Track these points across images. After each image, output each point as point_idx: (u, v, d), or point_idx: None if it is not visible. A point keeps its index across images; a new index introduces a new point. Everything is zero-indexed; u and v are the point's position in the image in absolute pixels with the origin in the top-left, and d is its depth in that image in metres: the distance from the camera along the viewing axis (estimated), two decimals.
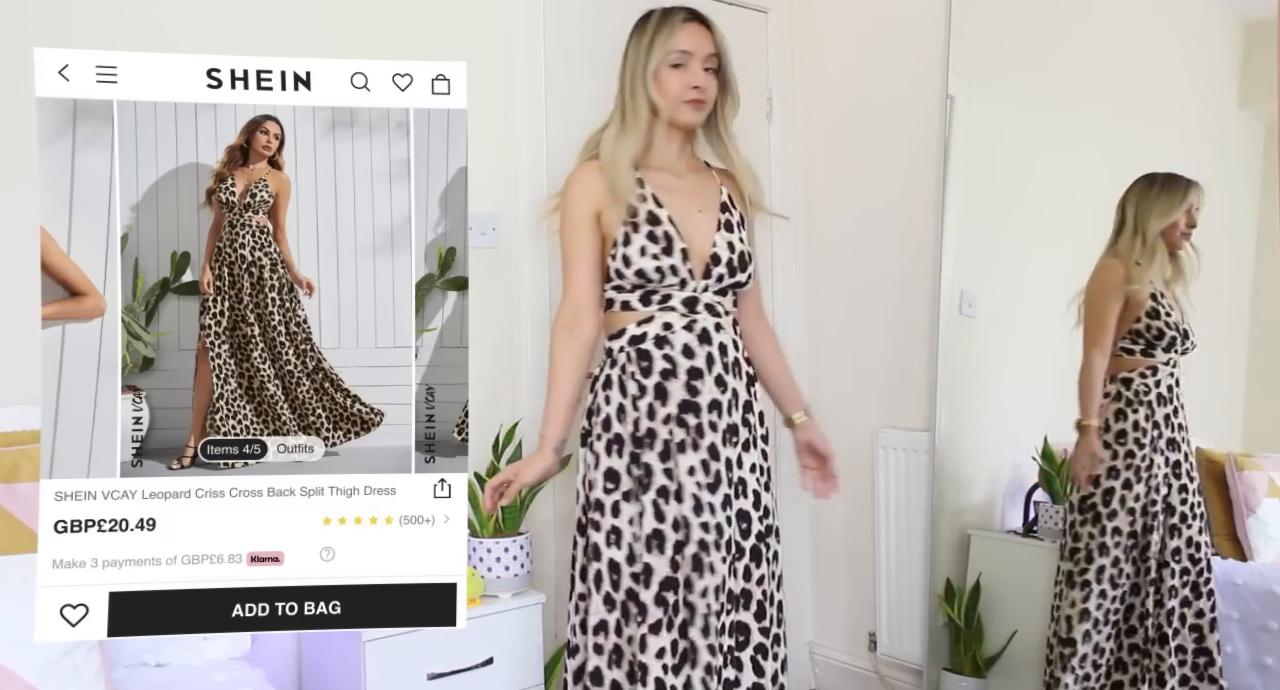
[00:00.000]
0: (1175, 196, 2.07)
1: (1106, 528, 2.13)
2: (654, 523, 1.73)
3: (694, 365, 1.78)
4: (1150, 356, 2.10)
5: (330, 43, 2.12)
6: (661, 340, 1.79)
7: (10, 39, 1.75)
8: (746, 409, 1.84)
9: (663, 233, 1.80)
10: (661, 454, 1.75)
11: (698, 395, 1.77)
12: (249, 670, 1.66)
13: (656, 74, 1.83)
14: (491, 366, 2.36)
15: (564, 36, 2.41)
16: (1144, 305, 2.08)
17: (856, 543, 2.82)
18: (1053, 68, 2.40)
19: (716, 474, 1.75)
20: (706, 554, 1.72)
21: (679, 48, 1.82)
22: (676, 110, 1.83)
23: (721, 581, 1.73)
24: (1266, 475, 2.13)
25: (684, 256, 1.80)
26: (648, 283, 1.80)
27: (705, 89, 1.83)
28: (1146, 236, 2.08)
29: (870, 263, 2.77)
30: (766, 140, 2.86)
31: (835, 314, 2.87)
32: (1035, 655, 2.38)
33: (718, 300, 1.84)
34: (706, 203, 1.88)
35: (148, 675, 1.61)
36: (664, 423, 1.76)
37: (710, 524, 1.73)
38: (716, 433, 1.77)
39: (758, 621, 1.80)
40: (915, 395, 2.66)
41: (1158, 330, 2.08)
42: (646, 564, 1.72)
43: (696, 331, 1.79)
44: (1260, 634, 2.03)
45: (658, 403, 1.77)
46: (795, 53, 2.92)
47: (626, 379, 1.79)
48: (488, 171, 2.35)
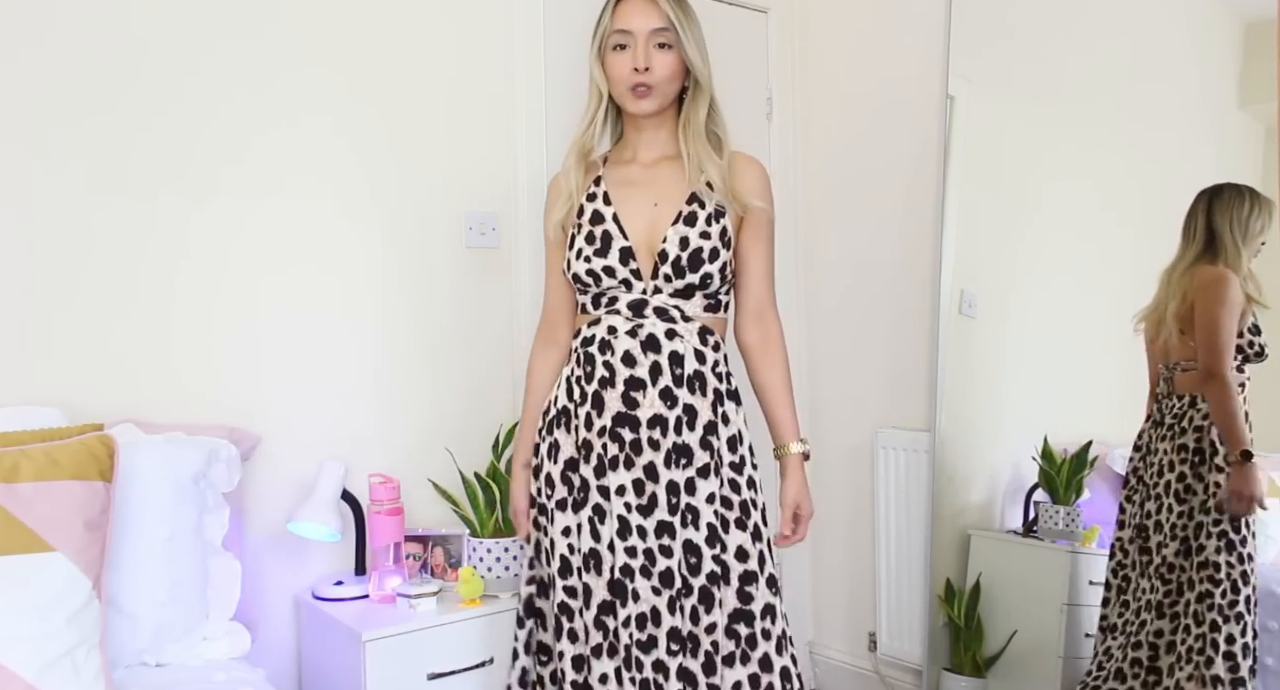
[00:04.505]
0: (1270, 213, 2.00)
1: (1243, 555, 1.98)
2: (590, 542, 1.60)
3: (634, 375, 1.61)
4: (1241, 372, 2.01)
5: (329, 45, 2.12)
6: (605, 345, 1.64)
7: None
8: (709, 430, 1.62)
9: (601, 232, 1.66)
10: (597, 468, 1.61)
11: (635, 408, 1.60)
12: (249, 670, 1.66)
13: (602, 60, 1.67)
14: (491, 367, 2.36)
15: (564, 36, 2.41)
16: (1249, 320, 2.00)
17: (856, 543, 2.82)
18: (1053, 67, 2.40)
19: (652, 497, 1.59)
20: (630, 580, 1.57)
21: (617, 27, 1.64)
22: (624, 98, 1.66)
23: (651, 612, 1.57)
24: (1266, 475, 2.13)
25: (624, 256, 1.64)
26: (587, 287, 1.67)
27: (652, 69, 1.61)
28: (1247, 249, 2.00)
29: (870, 262, 2.77)
30: (766, 140, 2.86)
31: (835, 314, 2.87)
32: (1035, 655, 2.38)
33: (675, 303, 1.64)
34: (670, 194, 1.67)
35: (148, 675, 1.60)
36: (599, 435, 1.61)
37: (638, 549, 1.58)
38: (658, 452, 1.59)
39: (706, 674, 1.58)
40: (915, 395, 2.66)
41: (1260, 346, 1.99)
42: (585, 584, 1.60)
43: (641, 337, 1.62)
44: (1260, 633, 2.02)
45: (594, 412, 1.62)
46: (795, 53, 2.92)
47: (574, 383, 1.68)
48: (488, 171, 2.35)
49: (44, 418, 1.69)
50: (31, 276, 1.79)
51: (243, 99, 2.01)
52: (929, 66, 2.59)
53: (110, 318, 1.87)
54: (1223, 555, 1.99)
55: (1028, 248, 2.47)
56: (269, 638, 2.03)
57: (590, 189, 1.72)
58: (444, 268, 2.29)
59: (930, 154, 2.59)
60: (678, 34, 1.64)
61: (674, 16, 1.64)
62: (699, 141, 1.68)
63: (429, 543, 2.14)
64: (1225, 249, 2.02)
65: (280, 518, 2.04)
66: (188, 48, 1.94)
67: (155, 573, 1.64)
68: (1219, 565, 1.99)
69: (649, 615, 1.58)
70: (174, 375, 1.93)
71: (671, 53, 1.65)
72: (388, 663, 1.83)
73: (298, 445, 2.07)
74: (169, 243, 1.93)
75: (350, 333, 2.16)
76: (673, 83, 1.66)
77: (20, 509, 1.40)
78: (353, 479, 2.07)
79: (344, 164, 2.14)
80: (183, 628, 1.67)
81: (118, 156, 1.87)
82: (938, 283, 2.56)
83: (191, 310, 1.96)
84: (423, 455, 2.23)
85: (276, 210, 2.06)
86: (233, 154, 2.00)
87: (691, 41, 1.66)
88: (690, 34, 1.66)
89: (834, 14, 2.86)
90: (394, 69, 2.21)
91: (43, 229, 1.80)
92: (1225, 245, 2.02)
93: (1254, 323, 2.00)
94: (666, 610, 1.58)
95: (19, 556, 1.38)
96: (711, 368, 1.66)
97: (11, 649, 1.34)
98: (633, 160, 1.75)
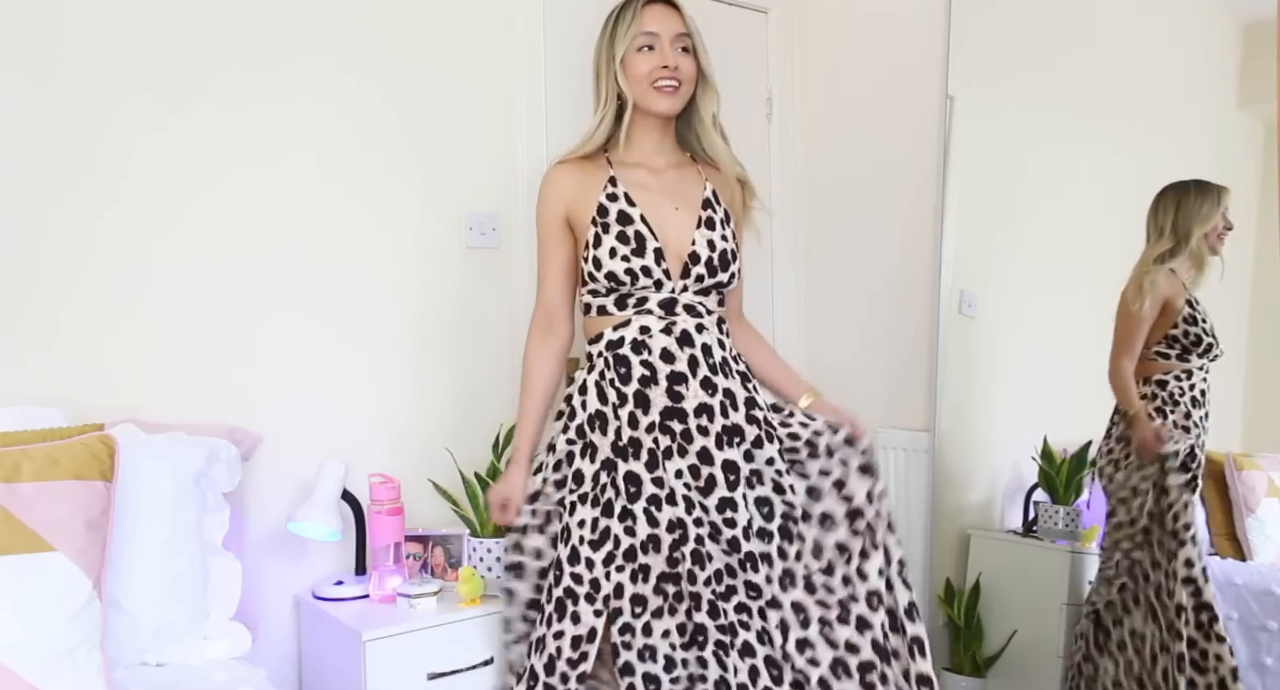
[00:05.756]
0: (1212, 201, 2.08)
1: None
2: (648, 528, 1.70)
3: (675, 370, 1.72)
4: (1185, 361, 2.11)
5: (328, 45, 2.12)
6: (639, 345, 1.73)
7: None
8: (751, 406, 1.76)
9: (634, 233, 1.74)
10: (649, 463, 1.71)
11: (681, 401, 1.71)
12: (249, 670, 1.66)
13: (624, 60, 1.77)
14: (491, 367, 2.36)
15: (564, 36, 2.41)
16: (1181, 311, 2.09)
17: None
18: (1053, 67, 2.40)
19: (709, 478, 1.70)
20: (703, 546, 1.69)
21: (644, 29, 1.76)
22: (646, 96, 1.77)
23: (725, 568, 1.68)
24: (1266, 475, 2.13)
25: (658, 257, 1.74)
26: (620, 286, 1.75)
27: (680, 68, 1.76)
28: (1189, 242, 2.09)
29: (870, 262, 2.77)
30: (766, 140, 2.86)
31: (835, 314, 2.87)
32: (1035, 655, 2.38)
33: (699, 300, 1.77)
34: (686, 199, 1.81)
35: (148, 675, 1.60)
36: (648, 431, 1.71)
37: (703, 520, 1.69)
38: (708, 437, 1.71)
39: (809, 594, 1.68)
40: (915, 395, 2.66)
41: (1195, 336, 2.09)
42: (644, 564, 1.70)
43: (676, 334, 1.73)
44: (1260, 634, 2.03)
45: (639, 411, 1.72)
46: (795, 53, 2.92)
47: (605, 386, 1.75)
48: (488, 172, 2.35)
49: (44, 418, 1.69)
50: (32, 276, 1.79)
51: (243, 98, 2.01)
52: (929, 66, 2.59)
53: (111, 318, 1.87)
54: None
55: (1028, 248, 2.47)
56: (269, 637, 2.03)
57: (608, 188, 1.78)
58: (444, 268, 2.29)
59: (930, 154, 2.59)
60: (693, 40, 1.80)
61: (691, 24, 1.81)
62: (714, 135, 1.84)
63: (429, 543, 2.14)
64: (1160, 244, 2.13)
65: (280, 518, 2.04)
66: (186, 45, 1.95)
67: (155, 572, 1.64)
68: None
69: (724, 571, 1.69)
70: (174, 375, 1.93)
71: (690, 57, 1.80)
72: (388, 663, 1.83)
73: (298, 445, 2.07)
74: (169, 243, 1.93)
75: (351, 333, 2.16)
76: (691, 84, 1.81)
77: (21, 509, 1.40)
78: (353, 479, 2.07)
79: (344, 164, 2.14)
80: (183, 627, 1.67)
81: (118, 156, 1.87)
82: (938, 283, 2.56)
83: (192, 310, 1.96)
84: (423, 455, 2.23)
85: (277, 211, 2.06)
86: (233, 154, 2.00)
87: (704, 49, 1.83)
88: (702, 41, 1.83)
89: (834, 14, 2.86)
90: (394, 69, 2.21)
91: (43, 228, 1.80)
92: (1161, 241, 2.12)
93: (1189, 313, 2.09)
94: (739, 567, 1.68)
95: (19, 556, 1.38)
96: (730, 353, 1.80)
97: (12, 649, 1.34)
98: (640, 165, 1.83)
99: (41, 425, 1.65)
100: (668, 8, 1.79)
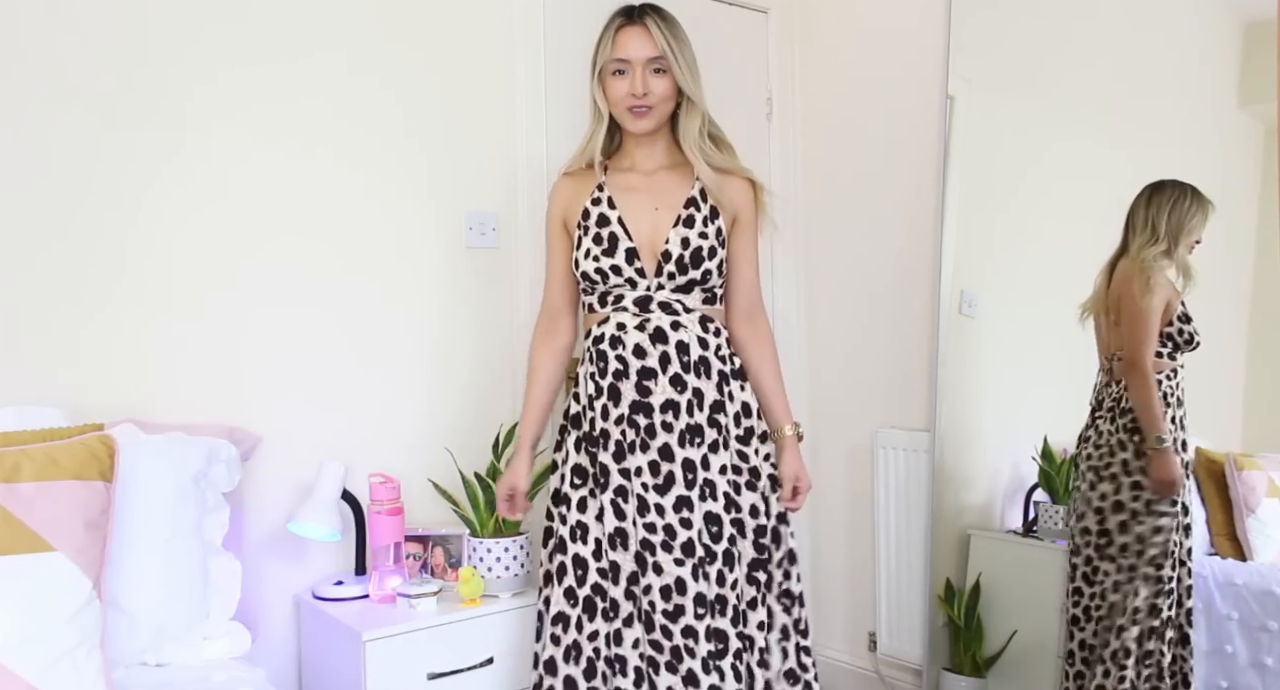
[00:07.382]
0: (1204, 213, 2.09)
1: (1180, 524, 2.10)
2: (614, 521, 1.75)
3: (646, 365, 1.77)
4: (1174, 359, 2.11)
5: (328, 45, 2.12)
6: (615, 340, 1.80)
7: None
8: (716, 409, 1.79)
9: (608, 234, 1.81)
10: (615, 454, 1.77)
11: (649, 396, 1.76)
12: (249, 670, 1.66)
13: (602, 81, 1.84)
14: (491, 367, 2.36)
15: (564, 36, 2.41)
16: (1176, 309, 2.10)
17: (856, 543, 2.82)
18: (1053, 67, 2.40)
19: (668, 475, 1.74)
20: (651, 554, 1.72)
21: (614, 57, 1.81)
22: (623, 117, 1.84)
23: (676, 582, 1.71)
24: (1266, 475, 2.13)
25: (629, 256, 1.80)
26: (596, 285, 1.82)
27: (650, 94, 1.79)
28: (1179, 246, 2.10)
29: (870, 263, 2.77)
30: (766, 140, 2.86)
31: (835, 314, 2.87)
32: (1035, 655, 2.38)
33: (677, 298, 1.81)
34: (668, 199, 1.84)
35: (148, 675, 1.60)
36: (616, 423, 1.77)
37: (657, 525, 1.72)
38: (672, 434, 1.75)
39: (734, 626, 1.75)
40: (915, 395, 2.66)
41: (1189, 335, 2.10)
42: (613, 561, 1.75)
43: (649, 331, 1.78)
44: (1260, 634, 2.03)
45: (610, 403, 1.78)
46: (795, 53, 2.92)
47: (586, 379, 1.83)
48: (488, 172, 2.36)
49: (44, 418, 1.69)
50: (32, 276, 1.79)
51: (243, 98, 2.01)
52: (929, 66, 2.59)
53: (110, 318, 1.87)
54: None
55: (1027, 248, 2.47)
56: (269, 638, 2.03)
57: (594, 194, 1.86)
58: (444, 268, 2.29)
59: (930, 154, 2.59)
60: (670, 60, 1.81)
61: (667, 45, 1.80)
62: (701, 143, 1.86)
63: (429, 543, 2.14)
64: (1159, 241, 2.11)
65: (280, 518, 2.04)
66: (183, 42, 1.95)
67: (155, 573, 1.63)
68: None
69: (674, 586, 1.72)
70: (174, 375, 1.93)
71: (665, 77, 1.81)
72: (388, 663, 1.83)
73: (298, 445, 2.07)
74: (169, 243, 1.93)
75: (351, 332, 2.16)
76: (667, 103, 1.83)
77: (21, 509, 1.40)
78: (353, 479, 2.08)
79: (343, 165, 2.14)
80: (183, 627, 1.67)
81: (118, 156, 1.87)
82: (938, 283, 2.56)
83: (192, 310, 1.96)
84: (423, 455, 2.23)
85: (277, 211, 2.06)
86: (233, 154, 2.00)
87: (683, 66, 1.82)
88: (682, 58, 1.82)
89: (834, 14, 2.86)
90: (394, 69, 2.21)
91: (43, 228, 1.80)
92: (1160, 237, 2.11)
93: (1183, 311, 2.10)
94: (690, 578, 1.71)
95: (19, 556, 1.38)
96: (714, 352, 1.82)
97: (11, 649, 1.34)
98: (631, 169, 1.89)
99: (41, 425, 1.65)
100: (641, 31, 1.81)
